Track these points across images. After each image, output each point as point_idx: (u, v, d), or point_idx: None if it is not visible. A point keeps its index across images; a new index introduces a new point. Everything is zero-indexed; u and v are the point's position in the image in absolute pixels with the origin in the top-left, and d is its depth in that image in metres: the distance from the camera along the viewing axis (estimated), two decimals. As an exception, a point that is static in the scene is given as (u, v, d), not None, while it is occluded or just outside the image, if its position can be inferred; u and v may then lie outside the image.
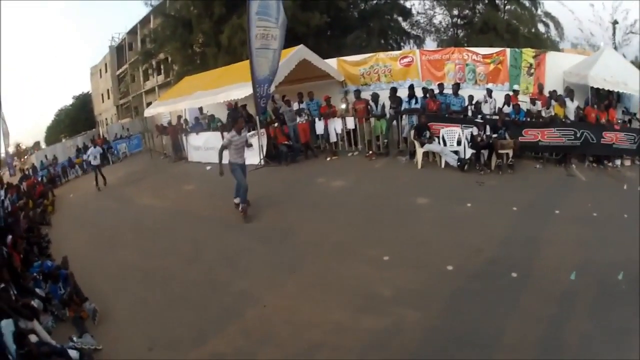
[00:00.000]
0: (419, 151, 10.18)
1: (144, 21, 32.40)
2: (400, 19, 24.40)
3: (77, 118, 42.68)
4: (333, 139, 12.21)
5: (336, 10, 21.58)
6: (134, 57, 31.64)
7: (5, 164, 21.32)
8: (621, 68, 11.78)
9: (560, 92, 11.49)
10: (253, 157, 11.47)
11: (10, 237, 8.25)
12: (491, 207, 7.64)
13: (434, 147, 10.13)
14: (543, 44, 20.03)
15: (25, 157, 27.07)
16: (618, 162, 10.37)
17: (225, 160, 8.32)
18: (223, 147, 8.32)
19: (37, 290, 6.68)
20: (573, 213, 7.15)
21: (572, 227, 6.62)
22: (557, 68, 12.85)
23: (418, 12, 24.54)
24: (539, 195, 8.27)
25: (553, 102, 10.98)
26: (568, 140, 9.98)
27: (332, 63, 14.98)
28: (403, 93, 12.04)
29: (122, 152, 21.79)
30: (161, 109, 18.23)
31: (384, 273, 5.71)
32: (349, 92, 14.16)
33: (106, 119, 40.18)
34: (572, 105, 11.06)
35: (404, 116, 11.38)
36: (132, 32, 35.79)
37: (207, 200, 10.14)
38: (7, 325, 4.81)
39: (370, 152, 11.55)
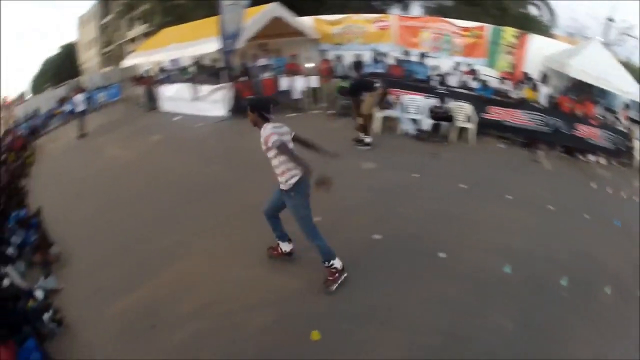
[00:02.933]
0: (377, 115, 10.05)
1: None
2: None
3: (62, 67, 41.76)
4: (296, 96, 12.41)
5: None
6: (119, 7, 31.22)
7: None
8: (606, 64, 11.63)
9: (536, 76, 11.53)
10: (219, 110, 11.95)
11: None
12: (437, 180, 7.41)
13: (391, 112, 10.18)
14: (532, 27, 19.93)
15: (11, 110, 26.82)
16: (592, 157, 10.21)
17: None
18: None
19: (13, 238, 6.90)
20: (525, 200, 6.81)
21: (520, 214, 6.31)
22: (540, 52, 12.87)
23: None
24: (492, 175, 7.94)
25: (523, 84, 11.05)
26: (537, 125, 9.91)
27: (308, 21, 15.02)
28: (370, 56, 12.22)
29: (99, 102, 21.41)
30: (138, 60, 18.44)
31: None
32: (325, 51, 14.15)
33: (88, 67, 39.88)
34: (544, 91, 11.14)
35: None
36: None
37: (167, 151, 10.41)
38: None
39: (331, 112, 11.73)
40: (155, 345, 4.22)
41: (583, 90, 11.70)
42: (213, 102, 12.31)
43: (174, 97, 14.10)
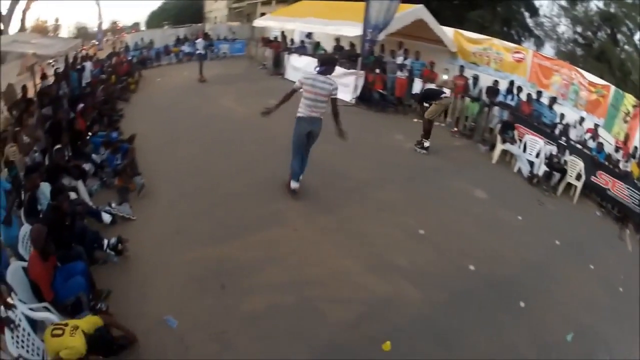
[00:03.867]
0: (499, 147, 10.15)
1: None
2: (527, 14, 23.66)
3: (185, 9, 42.14)
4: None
5: None
6: None
7: (97, 37, 21.75)
8: None
9: None
10: (346, 94, 12.12)
11: (81, 105, 9.12)
12: (537, 229, 7.40)
13: (513, 148, 10.06)
14: None
15: (121, 34, 27.70)
16: None
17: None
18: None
19: (94, 156, 7.34)
20: (603, 276, 6.65)
21: (595, 287, 6.22)
22: None
23: (544, 15, 23.74)
24: (583, 241, 7.70)
25: (633, 159, 10.66)
26: (632, 202, 9.40)
27: (448, 32, 14.89)
28: (505, 85, 12.21)
29: (222, 52, 22.14)
30: (272, 23, 18.88)
31: (409, 243, 5.88)
32: (464, 67, 13.85)
33: (216, 17, 40.39)
34: None
35: (496, 108, 11.42)
36: None
37: (286, 118, 10.75)
38: (45, 185, 5.33)
39: (456, 129, 11.77)
40: (221, 305, 4.30)
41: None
42: (341, 85, 12.49)
43: (302, 68, 14.27)
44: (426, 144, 9.76)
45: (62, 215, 4.62)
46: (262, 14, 25.05)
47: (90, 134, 8.31)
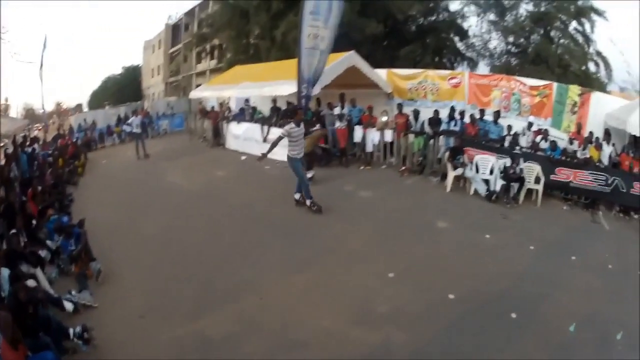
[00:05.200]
0: (451, 174, 10.09)
1: (203, 5, 33.42)
2: (456, 38, 24.33)
3: (124, 88, 43.76)
4: (369, 148, 12.38)
5: (393, 22, 21.62)
6: (189, 38, 32.41)
7: (42, 120, 22.08)
8: None
9: (599, 134, 11.28)
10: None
11: (31, 188, 8.99)
12: (508, 241, 7.54)
13: (466, 172, 10.02)
14: (592, 84, 19.45)
15: (66, 116, 28.10)
16: None
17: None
18: (280, 138, 8.34)
19: (49, 242, 7.07)
20: (589, 261, 6.92)
21: (584, 275, 6.42)
22: (601, 109, 12.26)
23: (474, 35, 24.43)
24: (558, 237, 8.01)
25: (590, 144, 10.80)
26: (599, 185, 9.69)
27: (382, 73, 14.96)
28: (446, 113, 12.20)
29: (162, 129, 22.35)
30: (207, 93, 18.76)
31: (386, 289, 5.83)
32: (402, 105, 13.81)
33: (153, 93, 41.16)
34: (607, 149, 10.77)
35: (441, 137, 11.36)
36: (190, 13, 37.05)
37: (235, 188, 10.64)
38: (4, 271, 5.16)
39: (404, 167, 11.59)
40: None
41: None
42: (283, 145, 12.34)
43: (242, 135, 14.24)
44: (310, 174, 9.93)
45: (24, 303, 4.49)
46: (198, 85, 25.17)
47: (43, 218, 8.09)
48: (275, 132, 12.36)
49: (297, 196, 8.79)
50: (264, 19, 20.90)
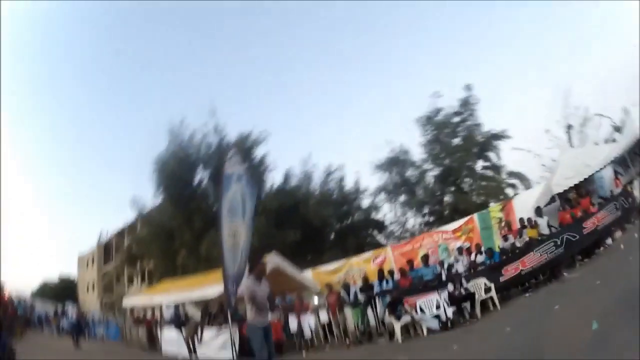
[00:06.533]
0: (397, 326, 9.82)
1: (131, 227, 35.15)
2: (375, 232, 25.53)
3: (61, 294, 44.23)
4: (307, 334, 12.10)
5: (310, 229, 22.96)
6: (120, 259, 33.38)
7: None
8: (581, 156, 12.28)
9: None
10: (226, 352, 11.17)
11: None
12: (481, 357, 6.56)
13: (412, 316, 9.83)
14: (497, 187, 21.64)
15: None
16: (609, 240, 10.30)
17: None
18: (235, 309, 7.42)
19: None
20: (565, 339, 5.62)
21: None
22: (529, 205, 12.65)
23: (391, 222, 25.75)
24: (529, 326, 7.03)
25: (524, 229, 11.09)
26: (551, 253, 9.79)
27: (308, 274, 15.37)
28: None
29: (99, 336, 21.92)
30: (140, 301, 18.60)
31: None
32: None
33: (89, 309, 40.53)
34: (543, 221, 11.20)
35: (377, 299, 11.35)
36: (120, 234, 39.34)
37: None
38: None
39: (348, 341, 11.29)
40: None
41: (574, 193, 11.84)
42: (219, 347, 11.78)
43: (177, 340, 13.67)
44: None
45: None
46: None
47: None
48: (208, 334, 12.31)
49: None
50: (188, 236, 21.32)
